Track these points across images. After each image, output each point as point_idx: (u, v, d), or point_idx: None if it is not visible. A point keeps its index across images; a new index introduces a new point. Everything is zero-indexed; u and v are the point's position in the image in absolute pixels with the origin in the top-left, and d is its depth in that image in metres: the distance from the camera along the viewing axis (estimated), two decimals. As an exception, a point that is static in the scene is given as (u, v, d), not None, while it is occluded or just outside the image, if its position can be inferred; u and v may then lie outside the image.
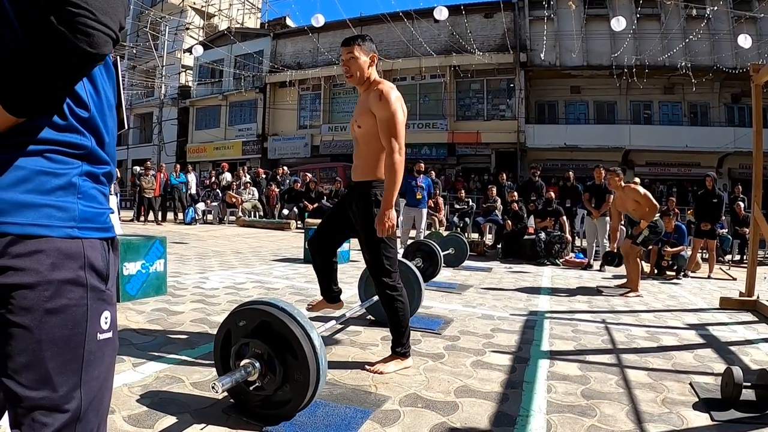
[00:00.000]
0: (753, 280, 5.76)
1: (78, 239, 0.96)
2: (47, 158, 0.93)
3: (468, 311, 5.00)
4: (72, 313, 0.95)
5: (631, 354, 3.77)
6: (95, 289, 0.99)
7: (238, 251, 9.18)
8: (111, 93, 1.06)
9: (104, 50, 0.88)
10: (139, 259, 4.61)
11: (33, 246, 0.90)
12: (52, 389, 0.93)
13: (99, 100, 1.01)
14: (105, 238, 1.03)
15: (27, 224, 0.89)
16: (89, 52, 0.86)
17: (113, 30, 0.89)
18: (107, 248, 1.04)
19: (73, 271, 0.95)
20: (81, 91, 0.97)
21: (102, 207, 1.03)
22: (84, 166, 0.98)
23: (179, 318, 4.13)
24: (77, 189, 0.97)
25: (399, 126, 3.02)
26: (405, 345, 3.22)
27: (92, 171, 1.00)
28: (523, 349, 3.78)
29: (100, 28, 0.86)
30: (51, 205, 0.93)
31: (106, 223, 1.03)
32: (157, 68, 29.36)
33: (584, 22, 22.49)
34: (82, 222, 0.97)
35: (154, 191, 14.91)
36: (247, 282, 5.95)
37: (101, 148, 1.02)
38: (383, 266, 3.15)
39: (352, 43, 3.17)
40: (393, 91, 3.08)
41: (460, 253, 8.30)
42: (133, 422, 2.25)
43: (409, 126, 24.86)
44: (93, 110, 0.99)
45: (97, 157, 1.01)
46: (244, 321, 2.34)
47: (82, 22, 0.84)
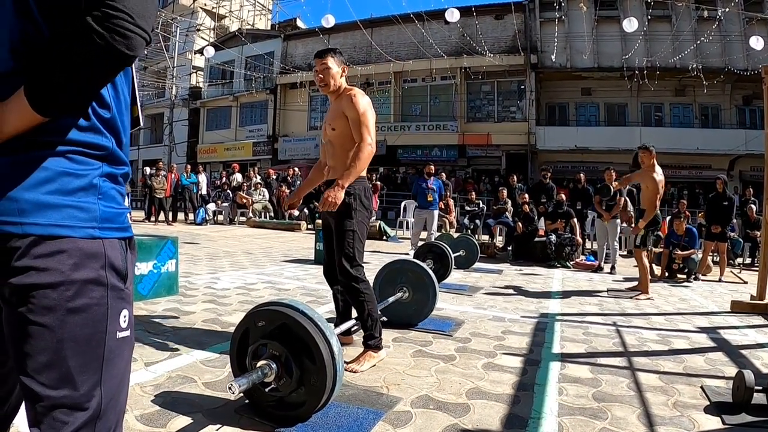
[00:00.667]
0: (765, 283, 5.73)
1: (99, 239, 0.97)
2: (69, 159, 0.94)
3: (479, 313, 5.01)
4: (93, 312, 0.96)
5: (642, 357, 3.77)
6: (115, 288, 1.00)
7: (249, 252, 9.22)
8: (128, 92, 1.08)
9: (139, 52, 0.90)
10: (151, 259, 4.65)
11: (55, 246, 0.91)
12: (73, 388, 0.94)
13: (118, 100, 1.03)
14: (124, 237, 1.04)
15: (49, 225, 0.91)
16: (126, 54, 0.88)
17: (148, 33, 0.90)
18: (126, 248, 1.05)
19: (95, 271, 0.96)
20: (104, 91, 0.98)
21: (120, 207, 1.04)
22: (104, 167, 1.00)
23: (191, 318, 4.16)
24: (98, 190, 0.98)
25: (370, 121, 3.22)
26: (377, 338, 3.28)
27: (112, 172, 1.02)
28: (534, 351, 3.78)
29: (137, 31, 0.87)
30: (73, 205, 0.94)
31: (125, 222, 1.05)
32: (168, 69, 29.52)
33: (595, 24, 22.39)
34: (103, 222, 0.98)
35: (164, 191, 15.00)
36: (258, 282, 5.98)
37: (120, 149, 1.03)
38: (347, 257, 3.23)
39: (326, 55, 3.36)
40: (363, 96, 3.30)
41: (471, 255, 8.30)
42: (146, 421, 2.28)
43: (420, 127, 25.12)
44: (114, 110, 1.01)
45: (116, 158, 1.02)
46: (263, 321, 2.35)
47: (121, 24, 0.85)
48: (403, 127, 25.77)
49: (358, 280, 3.23)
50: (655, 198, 6.50)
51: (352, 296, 3.28)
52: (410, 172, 25.53)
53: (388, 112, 26.38)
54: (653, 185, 6.49)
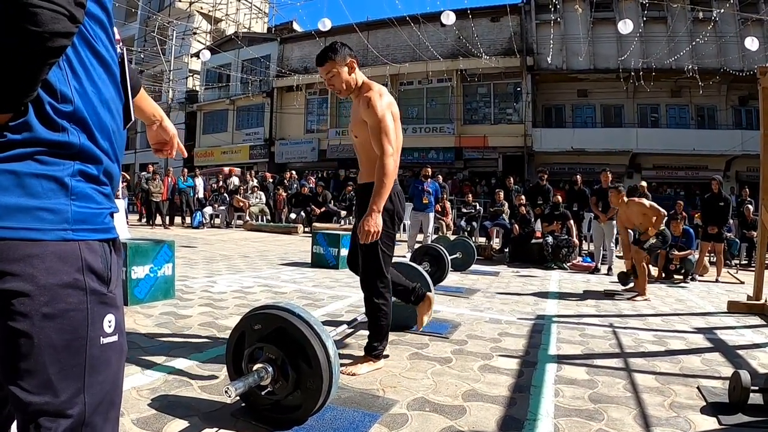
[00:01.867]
0: (761, 284, 5.74)
1: (73, 241, 0.93)
2: (37, 160, 0.90)
3: (476, 315, 5.01)
4: (71, 318, 0.93)
5: (638, 358, 3.77)
6: (95, 292, 0.97)
7: (246, 255, 9.21)
8: (110, 88, 1.03)
9: (54, 27, 0.80)
10: (148, 263, 4.64)
11: (27, 251, 0.88)
12: (54, 394, 0.92)
13: (87, 92, 0.97)
14: (104, 239, 1.00)
15: (19, 228, 0.87)
16: (35, 30, 0.78)
17: (61, 5, 0.81)
18: (108, 250, 1.01)
19: (70, 275, 0.93)
20: (63, 86, 0.93)
21: (99, 207, 1.00)
22: (76, 165, 0.95)
23: (187, 322, 4.15)
24: (70, 190, 0.94)
25: (389, 129, 2.99)
26: (379, 350, 3.25)
27: (85, 170, 0.97)
28: (531, 353, 3.78)
29: (42, 5, 0.78)
30: (43, 207, 0.90)
31: (105, 223, 1.01)
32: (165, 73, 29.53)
33: (591, 26, 22.47)
34: (76, 223, 0.94)
35: (161, 195, 14.98)
36: (255, 286, 5.98)
37: (94, 143, 0.98)
38: (372, 272, 3.17)
39: (325, 61, 3.11)
40: (381, 97, 3.07)
41: (468, 257, 8.29)
42: (142, 425, 2.27)
43: (416, 130, 25.13)
44: (78, 103, 0.95)
45: (90, 155, 0.97)
46: (259, 325, 2.35)
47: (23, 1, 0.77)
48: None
49: (380, 296, 3.18)
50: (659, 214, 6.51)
51: (370, 308, 3.23)
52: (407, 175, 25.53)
53: (384, 115, 26.35)
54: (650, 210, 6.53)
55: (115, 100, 1.05)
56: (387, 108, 3.05)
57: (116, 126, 1.06)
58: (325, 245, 7.99)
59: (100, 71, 1.01)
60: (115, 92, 1.06)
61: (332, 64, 3.09)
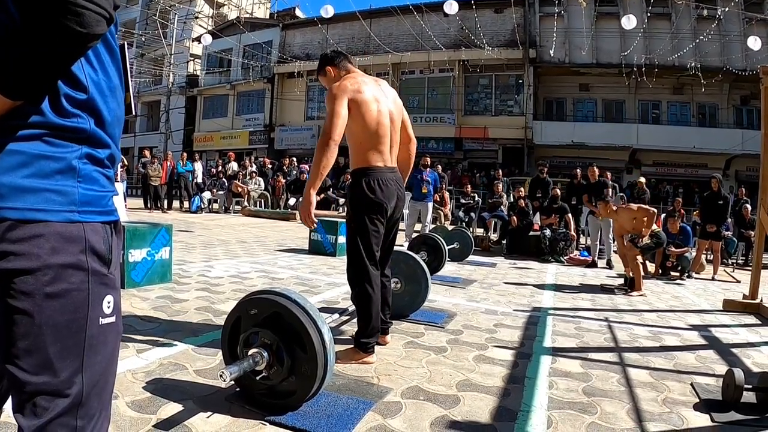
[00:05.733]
0: (757, 283, 5.75)
1: (79, 223, 0.95)
2: (46, 142, 0.91)
3: (472, 306, 5.01)
4: (73, 298, 0.94)
5: (633, 353, 3.78)
6: (97, 273, 0.98)
7: (243, 241, 9.20)
8: (115, 75, 1.04)
9: (96, 30, 0.85)
10: (145, 247, 4.63)
11: (32, 231, 0.89)
12: (53, 374, 0.93)
13: (98, 81, 0.99)
14: (107, 221, 1.01)
15: (26, 209, 0.88)
16: (80, 32, 0.82)
17: (105, 8, 0.85)
18: (110, 232, 1.02)
19: (74, 255, 0.94)
20: (78, 72, 0.95)
21: (104, 190, 1.01)
22: (84, 149, 0.96)
23: (183, 306, 4.15)
24: (77, 172, 0.95)
25: (332, 110, 3.01)
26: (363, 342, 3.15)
27: (93, 154, 0.98)
28: (526, 344, 3.79)
29: (90, 7, 0.82)
30: (50, 189, 0.91)
31: (109, 206, 1.02)
32: (166, 56, 29.38)
33: (594, 20, 22.36)
34: (82, 206, 0.95)
35: (160, 179, 14.95)
36: (252, 272, 5.97)
37: (102, 129, 1.00)
38: (349, 260, 3.19)
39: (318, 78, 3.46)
40: (336, 85, 3.13)
41: (465, 248, 8.30)
42: (136, 408, 2.27)
43: (417, 119, 25.09)
44: (92, 91, 0.97)
45: (98, 140, 0.99)
46: (255, 309, 2.34)
47: (71, 1, 0.80)
48: (401, 119, 25.70)
49: (357, 285, 3.15)
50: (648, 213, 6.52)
51: (352, 297, 3.24)
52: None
53: (385, 104, 26.29)
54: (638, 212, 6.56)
55: (120, 88, 1.06)
56: (333, 95, 3.07)
57: (121, 113, 1.07)
58: (323, 232, 7.98)
59: (108, 59, 1.02)
60: (119, 80, 1.06)
61: (320, 77, 3.43)
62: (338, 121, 2.99)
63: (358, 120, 3.10)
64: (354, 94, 3.10)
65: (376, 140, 3.15)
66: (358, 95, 3.11)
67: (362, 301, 3.13)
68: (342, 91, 3.07)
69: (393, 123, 3.28)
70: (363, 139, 3.14)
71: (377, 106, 3.19)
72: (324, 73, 3.36)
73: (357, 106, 3.09)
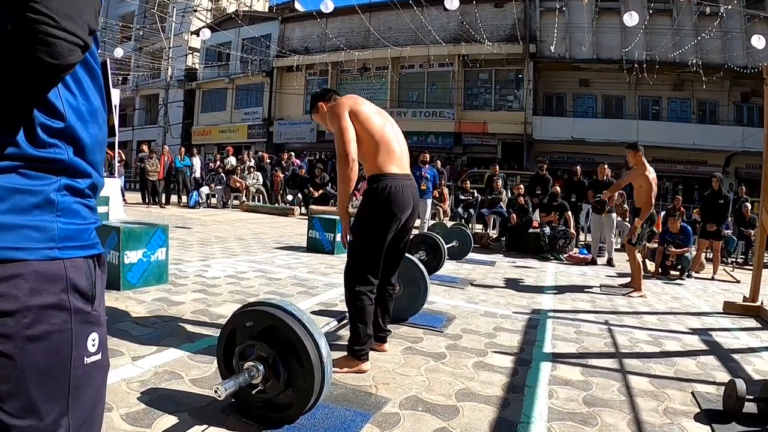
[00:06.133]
0: (758, 285, 5.72)
1: (59, 260, 0.89)
2: (22, 174, 0.86)
3: (471, 308, 4.98)
4: (55, 340, 0.89)
5: (633, 359, 3.74)
6: (80, 311, 0.93)
7: (241, 237, 9.16)
8: (96, 97, 0.99)
9: (69, 60, 0.80)
10: (141, 248, 4.59)
11: (10, 270, 0.83)
12: (38, 418, 0.89)
13: (77, 106, 0.94)
14: (90, 255, 0.96)
15: (4, 248, 0.83)
16: (50, 63, 0.78)
17: (79, 36, 0.80)
18: (92, 266, 0.97)
19: (55, 295, 0.88)
20: (55, 99, 0.89)
21: (85, 222, 0.96)
22: (62, 180, 0.91)
23: (179, 309, 4.11)
24: (56, 206, 0.90)
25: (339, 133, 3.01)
26: (355, 350, 3.08)
27: (72, 184, 0.93)
28: (526, 350, 3.76)
29: (62, 36, 0.77)
30: (28, 225, 0.86)
31: (91, 239, 0.97)
32: (164, 50, 29.25)
33: (595, 15, 22.25)
34: (62, 241, 0.90)
35: (158, 174, 14.88)
36: (249, 271, 5.93)
37: (81, 158, 0.95)
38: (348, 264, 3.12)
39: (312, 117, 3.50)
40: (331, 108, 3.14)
41: (464, 246, 8.27)
42: (131, 420, 2.24)
43: (416, 114, 25.02)
44: (70, 118, 0.91)
45: (77, 169, 0.94)
46: (251, 322, 2.30)
47: (41, 30, 0.75)
48: (400, 113, 25.64)
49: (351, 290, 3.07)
50: (650, 196, 6.49)
51: (346, 301, 3.14)
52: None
53: (384, 98, 26.25)
54: (647, 184, 6.47)
55: (101, 111, 1.01)
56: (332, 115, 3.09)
57: (103, 136, 1.02)
58: (321, 230, 7.94)
59: (89, 81, 0.97)
60: (101, 102, 1.01)
61: (313, 115, 3.47)
62: (349, 136, 2.98)
63: (365, 129, 3.07)
64: (353, 107, 3.09)
65: (386, 146, 3.10)
66: (357, 106, 3.11)
67: (356, 309, 3.06)
68: (341, 107, 3.06)
69: (399, 132, 3.28)
70: (373, 146, 3.09)
71: (380, 116, 3.18)
72: (317, 110, 3.36)
73: (360, 116, 3.08)
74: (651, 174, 6.54)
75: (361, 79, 26.97)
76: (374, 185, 3.05)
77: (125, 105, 32.62)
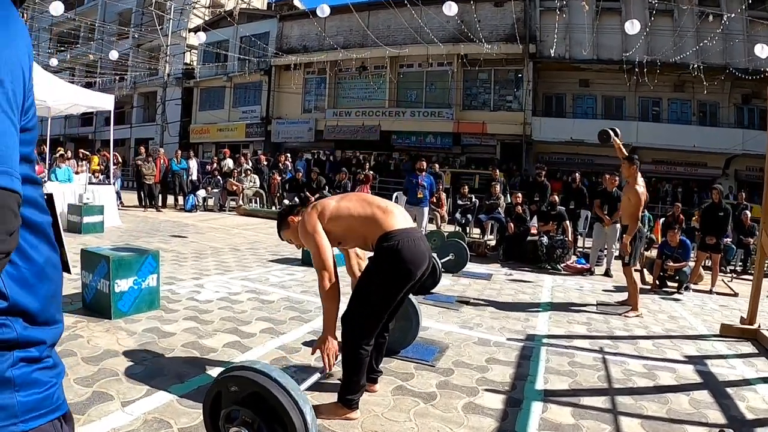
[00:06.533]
0: (756, 307, 5.66)
1: None
2: None
3: (464, 334, 4.94)
4: None
5: (626, 396, 3.71)
6: None
7: (236, 248, 9.12)
8: (44, 249, 0.94)
9: None
10: (132, 276, 4.55)
11: None
12: None
13: (20, 275, 0.89)
14: (55, 418, 0.94)
15: None
16: None
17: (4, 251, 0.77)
18: (59, 426, 0.95)
19: None
20: None
21: (47, 387, 0.93)
22: (15, 354, 0.88)
23: (170, 342, 4.07)
24: (13, 382, 0.87)
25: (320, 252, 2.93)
26: (348, 399, 3.00)
27: (27, 355, 0.90)
28: (517, 386, 3.72)
29: None
30: None
31: (54, 402, 0.94)
32: (162, 48, 29.13)
33: (596, 16, 22.10)
34: (25, 414, 0.88)
35: (154, 177, 14.82)
36: (243, 292, 5.89)
37: (34, 324, 0.91)
38: (352, 314, 2.99)
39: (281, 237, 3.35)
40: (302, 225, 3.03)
41: (461, 259, 8.23)
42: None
43: (415, 114, 24.92)
44: (12, 295, 0.87)
45: (29, 340, 0.90)
46: (235, 387, 2.27)
47: None
48: (398, 113, 25.59)
49: (347, 342, 2.97)
50: (637, 212, 6.46)
51: (342, 350, 3.01)
52: (404, 159, 25.40)
53: (383, 98, 26.19)
54: (635, 198, 6.45)
55: (51, 260, 0.96)
56: (305, 231, 3.00)
57: (55, 287, 0.97)
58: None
59: (31, 239, 0.92)
60: (49, 249, 0.96)
61: (281, 233, 3.33)
62: (325, 251, 2.93)
63: (348, 215, 3.02)
64: (322, 211, 3.02)
65: (377, 210, 3.00)
66: (325, 206, 3.04)
67: (353, 362, 2.95)
68: (311, 221, 2.99)
69: (380, 199, 3.19)
70: (365, 218, 3.00)
71: (351, 197, 3.14)
72: (287, 226, 3.24)
73: (334, 212, 3.02)
74: (641, 188, 6.53)
75: (360, 78, 26.85)
76: (384, 244, 2.90)
77: (123, 102, 32.54)
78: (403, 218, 3.04)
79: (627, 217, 6.61)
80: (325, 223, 2.98)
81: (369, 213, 2.99)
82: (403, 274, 2.91)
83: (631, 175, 6.59)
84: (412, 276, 2.93)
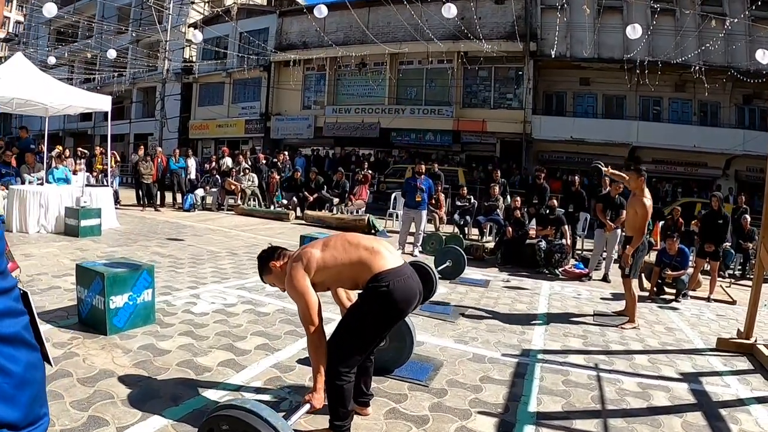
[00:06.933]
0: (753, 321, 5.65)
1: None
2: None
3: (459, 349, 4.93)
4: None
5: (618, 419, 3.70)
6: None
7: (233, 252, 9.10)
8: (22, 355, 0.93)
9: None
10: (127, 291, 4.53)
11: None
12: None
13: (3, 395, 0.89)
14: None
15: None
16: None
17: None
18: None
19: None
20: None
21: None
22: None
23: (166, 360, 4.06)
24: None
25: (308, 306, 2.88)
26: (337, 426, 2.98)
27: None
28: (510, 409, 3.72)
29: None
30: None
31: None
32: (161, 43, 29.02)
33: (597, 14, 22.01)
34: None
35: (152, 177, 14.79)
36: (239, 303, 5.87)
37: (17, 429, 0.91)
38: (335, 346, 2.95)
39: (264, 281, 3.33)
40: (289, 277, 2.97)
41: (458, 266, 8.19)
42: None
43: (414, 111, 24.89)
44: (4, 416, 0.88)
45: None
46: (226, 425, 2.28)
47: None
48: (398, 110, 25.56)
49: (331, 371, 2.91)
50: (644, 225, 6.43)
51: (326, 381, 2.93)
52: (402, 156, 25.40)
53: (382, 95, 26.14)
54: (643, 210, 6.41)
55: (31, 360, 0.96)
56: (292, 284, 2.94)
57: (40, 381, 0.98)
58: (314, 249, 7.87)
59: (9, 351, 0.91)
60: (29, 351, 0.96)
61: (263, 277, 3.29)
62: (314, 309, 2.88)
63: (331, 263, 2.97)
64: (307, 263, 2.96)
65: (364, 252, 2.97)
66: (310, 259, 2.98)
67: (336, 389, 2.91)
68: (297, 274, 2.94)
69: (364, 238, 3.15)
70: (353, 262, 2.96)
71: (334, 243, 3.07)
72: (268, 271, 3.20)
73: (317, 259, 2.97)
74: (648, 200, 6.48)
75: (359, 75, 26.78)
76: (374, 285, 2.88)
77: (122, 97, 32.47)
78: (391, 256, 3.00)
79: (632, 230, 6.57)
80: (311, 276, 2.94)
81: (356, 258, 2.95)
82: (393, 314, 2.94)
83: (638, 186, 6.55)
84: (403, 315, 2.98)
